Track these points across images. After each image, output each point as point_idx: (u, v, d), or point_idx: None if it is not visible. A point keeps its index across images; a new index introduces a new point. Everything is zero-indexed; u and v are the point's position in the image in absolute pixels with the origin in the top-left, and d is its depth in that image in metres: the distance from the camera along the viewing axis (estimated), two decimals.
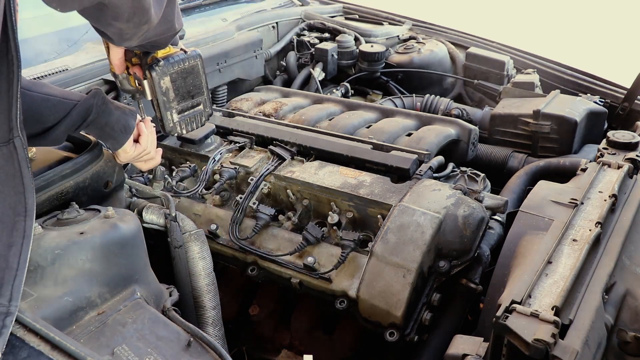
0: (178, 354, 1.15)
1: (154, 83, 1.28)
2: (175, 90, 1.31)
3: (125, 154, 1.44)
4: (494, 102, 2.71)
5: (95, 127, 1.34)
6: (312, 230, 1.70)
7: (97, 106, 1.31)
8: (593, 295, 1.19)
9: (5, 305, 0.96)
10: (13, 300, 0.97)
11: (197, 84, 1.34)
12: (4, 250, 0.99)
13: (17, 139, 1.00)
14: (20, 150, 1.01)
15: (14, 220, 1.00)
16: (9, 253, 0.99)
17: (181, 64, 1.30)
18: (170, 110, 1.33)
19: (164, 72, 1.28)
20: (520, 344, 1.06)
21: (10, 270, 0.99)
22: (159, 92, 1.29)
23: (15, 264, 0.99)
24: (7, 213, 1.00)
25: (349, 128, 2.18)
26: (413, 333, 1.53)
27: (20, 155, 1.01)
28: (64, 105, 1.28)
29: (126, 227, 1.29)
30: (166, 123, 1.34)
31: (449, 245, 1.57)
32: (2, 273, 0.98)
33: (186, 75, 1.32)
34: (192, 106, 1.36)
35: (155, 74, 1.27)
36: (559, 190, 1.62)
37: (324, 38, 3.16)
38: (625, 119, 2.50)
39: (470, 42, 3.10)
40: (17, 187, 1.01)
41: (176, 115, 1.35)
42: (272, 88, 2.70)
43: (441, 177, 1.89)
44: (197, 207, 1.93)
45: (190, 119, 1.38)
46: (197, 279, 1.63)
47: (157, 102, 1.31)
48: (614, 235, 1.39)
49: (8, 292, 0.97)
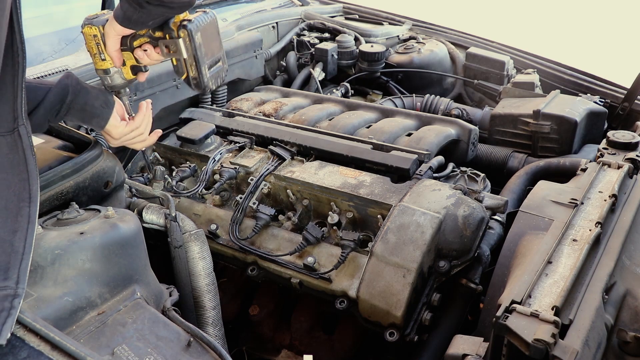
0: (178, 354, 1.15)
1: (191, 38, 1.32)
2: (206, 45, 1.37)
3: (116, 130, 1.44)
4: (494, 102, 2.71)
5: (76, 109, 1.35)
6: (312, 230, 1.70)
7: (72, 86, 1.33)
8: (593, 295, 1.19)
9: (12, 287, 0.99)
10: (20, 282, 1.00)
11: (217, 41, 1.41)
12: (9, 235, 1.02)
13: (22, 127, 1.04)
14: (25, 138, 1.04)
15: (18, 206, 1.04)
16: (14, 238, 1.02)
17: (207, 21, 1.36)
18: (204, 65, 1.38)
19: (197, 27, 1.33)
20: (520, 344, 1.06)
21: (16, 254, 1.02)
22: (197, 47, 1.34)
23: (21, 248, 1.03)
24: (12, 200, 1.03)
25: (349, 128, 2.19)
26: (413, 333, 1.53)
27: (25, 143, 1.04)
28: (40, 90, 1.29)
29: (126, 227, 1.29)
30: (203, 78, 1.38)
31: (449, 245, 1.57)
32: (8, 257, 1.01)
33: (210, 32, 1.38)
34: (215, 62, 1.42)
35: (192, 29, 1.31)
36: (559, 190, 1.62)
37: (324, 38, 3.16)
38: (625, 119, 2.50)
39: (470, 42, 3.10)
40: (22, 174, 1.04)
41: (208, 70, 1.40)
42: (272, 88, 2.70)
43: (441, 177, 1.89)
44: (197, 207, 1.93)
45: (216, 74, 1.43)
46: (197, 279, 1.62)
47: (195, 57, 1.36)
48: (614, 235, 1.39)
49: (15, 275, 1.00)
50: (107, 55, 1.39)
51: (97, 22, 1.36)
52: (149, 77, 2.24)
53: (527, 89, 2.54)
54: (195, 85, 1.41)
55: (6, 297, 0.98)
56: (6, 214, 1.02)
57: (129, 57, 1.41)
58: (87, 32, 1.37)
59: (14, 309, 0.97)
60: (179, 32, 1.33)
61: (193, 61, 1.36)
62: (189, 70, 1.39)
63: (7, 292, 0.98)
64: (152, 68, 2.28)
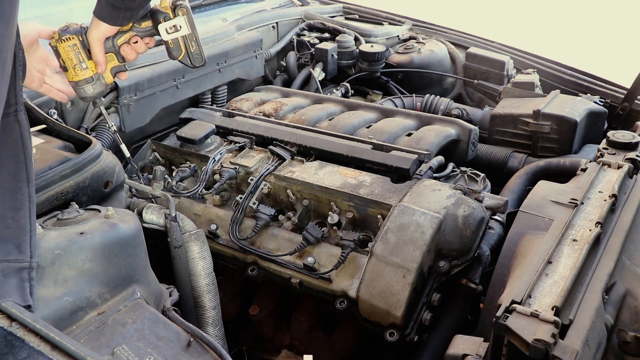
0: (178, 354, 1.15)
1: (189, 13, 1.37)
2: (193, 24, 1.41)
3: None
4: (494, 102, 2.71)
5: None
6: (312, 230, 1.70)
7: None
8: (593, 295, 1.19)
9: (27, 261, 1.08)
10: (33, 257, 1.09)
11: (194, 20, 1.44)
12: (10, 212, 1.08)
13: (21, 113, 1.09)
14: (23, 123, 1.09)
15: (16, 185, 1.08)
16: (17, 214, 1.08)
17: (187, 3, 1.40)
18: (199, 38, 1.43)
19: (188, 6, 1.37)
20: (520, 344, 1.06)
21: (24, 231, 1.09)
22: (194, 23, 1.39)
23: (28, 225, 1.09)
24: (7, 179, 1.07)
25: (349, 128, 2.18)
26: (413, 333, 1.53)
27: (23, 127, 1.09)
28: None
29: (126, 227, 1.29)
30: (202, 52, 1.43)
31: (449, 245, 1.57)
32: (17, 233, 1.08)
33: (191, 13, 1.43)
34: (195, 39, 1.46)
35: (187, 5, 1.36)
36: (559, 190, 1.62)
37: (324, 38, 3.16)
38: (625, 119, 2.50)
39: (470, 42, 3.10)
40: (19, 155, 1.09)
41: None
42: (272, 88, 2.70)
43: (441, 177, 1.89)
44: (197, 207, 1.93)
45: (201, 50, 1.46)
46: (197, 279, 1.62)
47: (195, 32, 1.40)
48: (614, 235, 1.39)
49: (28, 250, 1.08)
50: (89, 62, 1.37)
51: (74, 32, 1.34)
52: (149, 77, 2.28)
53: (527, 89, 2.54)
54: (196, 59, 1.45)
55: (23, 269, 1.07)
56: (2, 192, 1.07)
57: (111, 58, 1.39)
58: (65, 44, 1.34)
59: (33, 280, 1.08)
60: (178, 11, 1.36)
61: (194, 36, 1.40)
62: (189, 46, 1.42)
63: (23, 265, 1.07)
64: (152, 68, 2.30)
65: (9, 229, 1.08)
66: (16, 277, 1.06)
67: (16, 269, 1.07)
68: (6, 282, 1.05)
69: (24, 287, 1.06)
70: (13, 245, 1.07)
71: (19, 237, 1.08)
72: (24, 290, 1.06)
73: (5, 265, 1.06)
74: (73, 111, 2.06)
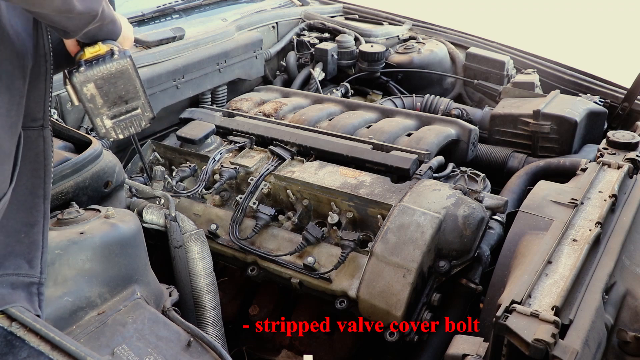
0: (178, 354, 1.15)
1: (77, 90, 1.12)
2: (103, 96, 1.15)
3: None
4: (494, 102, 2.71)
5: None
6: (312, 230, 1.70)
7: None
8: (593, 295, 1.19)
9: (37, 277, 1.09)
10: (43, 273, 1.10)
11: (130, 88, 1.18)
12: (25, 227, 1.08)
13: (47, 129, 1.08)
14: (48, 140, 1.09)
15: (33, 201, 1.09)
16: (31, 230, 1.09)
17: (107, 68, 1.13)
18: (100, 117, 1.17)
19: (87, 78, 1.11)
20: (520, 344, 1.06)
21: (37, 247, 1.09)
22: (84, 99, 1.13)
23: (41, 241, 1.10)
24: (24, 194, 1.07)
25: (349, 128, 2.18)
26: (413, 333, 1.53)
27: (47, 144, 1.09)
28: None
29: (126, 227, 1.29)
30: (98, 129, 1.18)
31: (449, 245, 1.57)
32: (29, 248, 1.08)
33: (115, 80, 1.15)
34: (127, 111, 1.20)
35: (76, 81, 1.10)
36: (559, 190, 1.62)
37: (324, 38, 3.16)
38: (625, 119, 2.50)
39: (470, 42, 3.10)
40: (39, 171, 1.09)
41: (108, 120, 1.19)
42: (272, 88, 2.70)
43: (441, 177, 1.89)
44: (197, 207, 1.93)
45: (127, 123, 1.22)
46: (197, 279, 1.63)
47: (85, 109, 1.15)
48: (614, 235, 1.39)
49: (39, 266, 1.09)
50: None
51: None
52: (149, 77, 2.28)
53: (527, 89, 2.54)
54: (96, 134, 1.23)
55: (33, 284, 1.08)
56: (17, 207, 1.06)
57: None
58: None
59: (42, 295, 1.09)
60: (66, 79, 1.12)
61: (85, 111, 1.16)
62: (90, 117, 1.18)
63: (33, 280, 1.08)
64: (152, 68, 2.30)
65: (22, 244, 1.08)
66: (25, 291, 1.07)
67: (25, 284, 1.07)
68: (15, 293, 1.05)
69: (32, 300, 1.07)
70: (24, 261, 1.08)
71: (31, 252, 1.09)
72: (33, 303, 1.07)
73: (15, 278, 1.06)
74: (73, 111, 2.06)
